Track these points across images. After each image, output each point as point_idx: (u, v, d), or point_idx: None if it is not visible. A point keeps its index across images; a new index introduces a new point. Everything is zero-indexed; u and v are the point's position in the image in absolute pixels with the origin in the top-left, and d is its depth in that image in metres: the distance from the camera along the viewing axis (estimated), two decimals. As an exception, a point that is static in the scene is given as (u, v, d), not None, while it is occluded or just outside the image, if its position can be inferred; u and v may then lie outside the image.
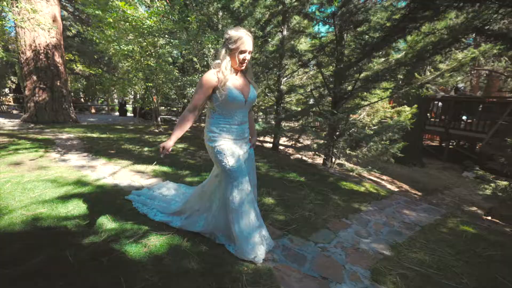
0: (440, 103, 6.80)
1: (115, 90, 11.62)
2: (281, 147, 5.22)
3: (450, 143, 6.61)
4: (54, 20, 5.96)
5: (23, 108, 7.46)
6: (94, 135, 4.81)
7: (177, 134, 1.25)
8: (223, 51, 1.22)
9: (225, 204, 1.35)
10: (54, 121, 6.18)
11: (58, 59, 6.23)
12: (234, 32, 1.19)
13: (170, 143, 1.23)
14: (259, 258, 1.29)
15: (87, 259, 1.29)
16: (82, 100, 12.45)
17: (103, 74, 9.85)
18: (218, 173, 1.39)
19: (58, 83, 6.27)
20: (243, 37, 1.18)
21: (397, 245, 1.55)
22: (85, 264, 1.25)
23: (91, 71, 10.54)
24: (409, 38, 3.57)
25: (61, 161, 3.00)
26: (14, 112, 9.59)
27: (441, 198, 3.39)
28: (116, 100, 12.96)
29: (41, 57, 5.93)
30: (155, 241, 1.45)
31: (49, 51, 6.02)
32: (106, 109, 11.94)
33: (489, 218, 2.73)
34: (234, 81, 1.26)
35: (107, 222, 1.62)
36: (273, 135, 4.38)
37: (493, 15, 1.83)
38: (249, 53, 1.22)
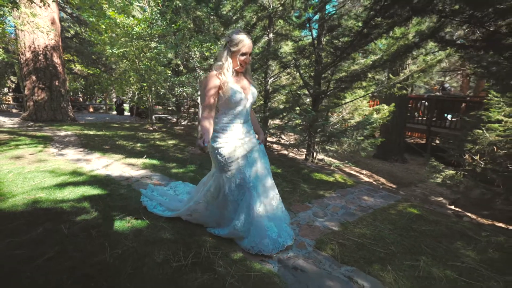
0: (426, 102, 7.06)
1: (113, 90, 11.86)
2: (270, 144, 5.47)
3: (439, 141, 6.86)
4: (53, 23, 6.19)
5: (23, 107, 7.69)
6: (91, 132, 5.06)
7: (207, 133, 1.22)
8: (225, 53, 1.27)
9: (219, 199, 1.43)
10: (52, 120, 6.42)
11: (56, 59, 6.47)
12: (236, 35, 1.25)
13: (205, 139, 1.19)
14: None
15: (79, 231, 1.54)
16: (80, 99, 12.66)
17: (101, 74, 10.08)
18: (214, 172, 1.44)
19: (57, 83, 6.50)
20: (244, 40, 1.24)
21: (347, 223, 1.81)
22: (78, 235, 1.50)
23: (89, 71, 10.77)
24: (384, 41, 3.83)
25: (58, 155, 3.24)
26: (14, 111, 9.83)
27: (413, 189, 3.65)
28: (114, 100, 13.19)
29: (40, 58, 6.17)
30: (138, 218, 1.70)
31: (47, 52, 6.26)
32: (104, 108, 12.16)
33: (453, 207, 2.99)
34: (236, 81, 1.32)
35: (98, 204, 1.87)
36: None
37: (437, 23, 2.08)
38: (249, 55, 1.29)
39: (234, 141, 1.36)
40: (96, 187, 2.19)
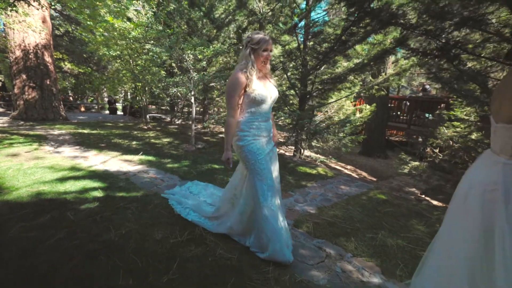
0: (407, 103, 7.55)
1: (105, 89, 11.74)
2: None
3: (421, 138, 7.34)
4: (44, 21, 6.16)
5: (12, 106, 7.55)
6: (85, 131, 5.12)
7: (229, 140, 1.32)
8: (247, 52, 1.29)
9: (250, 204, 1.37)
10: (44, 119, 6.38)
11: (47, 58, 6.43)
12: (256, 35, 1.30)
13: (229, 152, 1.31)
14: (289, 257, 1.32)
15: (84, 217, 1.72)
16: (70, 98, 12.43)
17: (92, 72, 9.98)
18: (246, 172, 1.39)
19: (48, 82, 6.47)
20: (265, 37, 1.29)
21: (323, 207, 2.08)
22: (83, 220, 1.68)
23: (80, 70, 10.62)
24: (365, 47, 4.16)
25: (55, 153, 3.34)
26: (0, 110, 9.57)
27: (390, 181, 4.01)
28: (106, 99, 13.03)
29: (30, 56, 6.13)
30: (137, 206, 1.90)
31: (38, 51, 6.22)
32: (96, 107, 12.01)
33: (423, 196, 3.36)
34: (259, 80, 1.34)
35: (99, 195, 2.05)
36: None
37: (401, 34, 2.40)
38: (270, 51, 1.32)
39: (259, 141, 1.37)
40: (96, 181, 2.35)
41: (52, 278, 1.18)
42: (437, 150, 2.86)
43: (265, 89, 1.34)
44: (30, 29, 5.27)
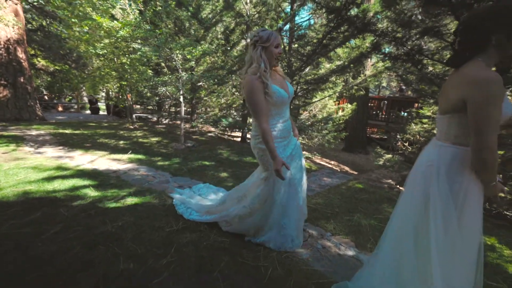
0: (386, 102, 8.15)
1: (84, 87, 11.14)
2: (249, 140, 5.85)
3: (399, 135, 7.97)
4: (16, 15, 5.77)
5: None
6: (67, 131, 4.91)
7: (273, 147, 1.22)
8: (258, 52, 1.19)
9: (262, 203, 1.37)
10: (18, 119, 5.98)
11: (21, 54, 6.02)
12: (263, 32, 1.21)
13: (278, 158, 1.20)
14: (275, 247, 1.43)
15: (78, 212, 1.75)
16: (46, 97, 11.62)
17: (70, 70, 9.43)
18: (267, 176, 1.33)
19: (22, 80, 6.06)
20: (273, 32, 1.21)
21: (307, 196, 2.27)
22: (77, 215, 1.71)
23: (56, 67, 9.97)
24: (345, 50, 4.48)
25: (36, 153, 3.22)
26: (-36, 110, 8.70)
27: (369, 174, 4.38)
28: (85, 98, 12.36)
29: (1, 52, 5.70)
30: (131, 201, 1.95)
31: (10, 46, 5.81)
32: (76, 107, 11.37)
33: (398, 186, 3.73)
34: (274, 80, 1.27)
35: (90, 192, 2.07)
36: (241, 130, 5.00)
37: (374, 41, 2.69)
38: (280, 46, 1.27)
39: (282, 141, 1.33)
40: (85, 179, 2.35)
41: (51, 267, 1.23)
42: (406, 144, 3.23)
43: (283, 90, 1.27)
44: (2, 23, 4.93)
